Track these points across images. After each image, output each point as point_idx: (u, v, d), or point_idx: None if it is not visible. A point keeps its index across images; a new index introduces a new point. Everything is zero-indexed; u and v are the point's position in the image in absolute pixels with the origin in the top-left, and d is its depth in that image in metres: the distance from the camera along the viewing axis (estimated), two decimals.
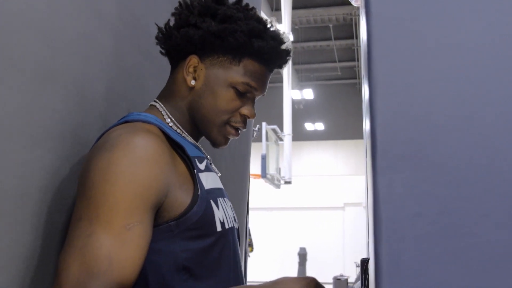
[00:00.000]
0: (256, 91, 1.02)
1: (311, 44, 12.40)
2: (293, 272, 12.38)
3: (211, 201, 0.93)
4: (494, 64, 0.61)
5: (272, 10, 9.99)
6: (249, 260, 8.41)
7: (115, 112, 1.04)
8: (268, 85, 1.07)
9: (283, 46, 1.03)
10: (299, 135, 12.97)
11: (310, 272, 12.36)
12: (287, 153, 8.85)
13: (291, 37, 9.34)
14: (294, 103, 13.09)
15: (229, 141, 1.05)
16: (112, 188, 0.78)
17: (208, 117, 1.00)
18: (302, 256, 12.59)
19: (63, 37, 0.87)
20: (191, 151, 0.96)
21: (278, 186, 9.08)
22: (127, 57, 1.10)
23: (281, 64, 1.07)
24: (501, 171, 0.59)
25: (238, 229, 1.08)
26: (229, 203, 1.05)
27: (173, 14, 1.03)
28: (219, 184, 1.02)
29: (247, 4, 1.04)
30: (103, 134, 0.89)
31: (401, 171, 0.62)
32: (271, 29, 1.03)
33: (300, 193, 13.26)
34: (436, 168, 0.61)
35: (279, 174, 8.95)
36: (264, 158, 8.04)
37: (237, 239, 1.05)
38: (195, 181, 0.91)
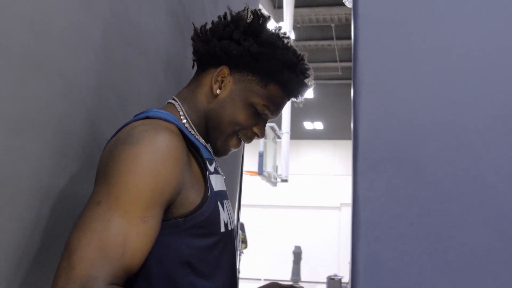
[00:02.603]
0: (272, 114, 1.09)
1: (312, 43, 12.38)
2: (287, 271, 12.40)
3: (218, 202, 0.97)
4: (477, 69, 0.61)
5: (274, 7, 9.97)
6: (243, 257, 8.32)
7: (103, 104, 1.05)
8: None
9: (307, 81, 1.11)
10: (298, 133, 12.96)
11: (304, 271, 12.38)
12: (285, 151, 8.85)
13: (292, 36, 9.33)
14: (294, 101, 13.08)
15: (229, 153, 1.11)
16: (136, 180, 0.82)
17: (222, 127, 1.05)
18: (297, 254, 12.60)
19: (51, 27, 0.87)
20: (203, 153, 0.99)
21: (274, 184, 9.07)
22: (117, 50, 1.11)
23: (299, 96, 1.14)
24: (481, 174, 0.59)
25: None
26: (230, 206, 1.08)
27: (216, 23, 1.09)
28: (224, 187, 1.06)
29: (285, 33, 1.11)
30: (122, 127, 0.92)
31: (382, 173, 0.62)
32: (302, 62, 1.10)
33: (296, 192, 13.27)
34: (417, 170, 0.61)
35: (276, 172, 8.95)
36: (261, 156, 8.05)
37: (235, 241, 1.10)
38: (206, 182, 0.95)
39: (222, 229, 0.97)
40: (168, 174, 0.85)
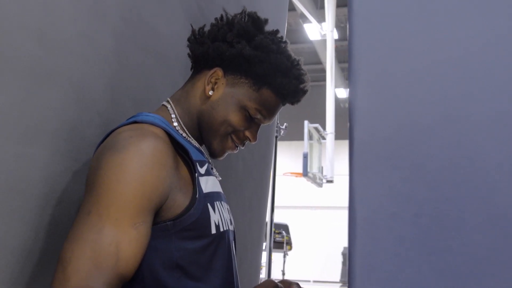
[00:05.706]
0: (265, 119, 1.08)
1: None
2: (337, 272, 12.28)
3: (208, 204, 0.96)
4: (474, 66, 0.59)
5: (316, 8, 9.90)
6: (288, 258, 8.27)
7: (118, 110, 1.07)
8: (311, 84, 1.11)
9: (303, 86, 1.09)
10: (344, 134, 12.79)
11: None
12: (330, 152, 8.75)
13: (335, 35, 9.23)
14: (340, 101, 12.96)
15: (225, 155, 1.10)
16: (124, 188, 0.83)
17: (214, 127, 1.05)
18: (346, 256, 12.45)
19: (59, 37, 0.89)
20: (194, 155, 0.99)
21: (320, 185, 9.00)
22: (131, 56, 1.12)
23: (294, 102, 1.12)
24: (479, 172, 0.57)
25: (234, 231, 1.11)
26: (226, 206, 1.08)
27: (212, 25, 1.09)
28: (218, 188, 1.06)
29: (281, 37, 1.10)
30: (111, 132, 0.93)
31: (378, 171, 0.61)
32: (297, 67, 1.08)
33: (343, 193, 13.12)
34: (414, 169, 0.60)
35: (321, 173, 8.87)
36: (305, 157, 7.99)
37: (233, 241, 1.09)
38: (195, 184, 0.95)
39: (213, 231, 0.96)
40: (155, 180, 0.86)
